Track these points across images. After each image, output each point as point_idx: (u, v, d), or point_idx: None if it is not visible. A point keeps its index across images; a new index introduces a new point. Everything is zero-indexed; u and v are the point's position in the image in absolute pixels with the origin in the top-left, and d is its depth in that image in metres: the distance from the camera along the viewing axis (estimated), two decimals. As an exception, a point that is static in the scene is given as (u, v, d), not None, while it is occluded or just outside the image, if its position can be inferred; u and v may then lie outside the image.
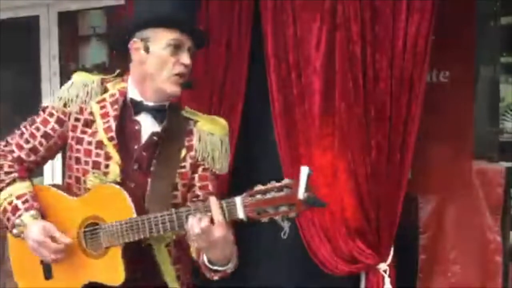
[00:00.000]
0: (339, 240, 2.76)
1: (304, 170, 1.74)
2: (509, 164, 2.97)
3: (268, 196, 1.78)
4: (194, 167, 2.15)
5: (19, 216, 2.08)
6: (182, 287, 2.16)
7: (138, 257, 2.05)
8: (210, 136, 2.17)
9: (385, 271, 2.76)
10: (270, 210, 1.78)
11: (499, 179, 2.93)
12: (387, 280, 2.75)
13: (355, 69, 2.68)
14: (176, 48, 2.07)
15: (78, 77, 2.19)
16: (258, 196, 1.79)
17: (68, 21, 3.91)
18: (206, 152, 2.15)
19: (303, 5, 2.75)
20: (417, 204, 3.01)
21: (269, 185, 1.79)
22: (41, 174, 3.70)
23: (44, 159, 2.21)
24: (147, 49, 2.09)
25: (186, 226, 1.88)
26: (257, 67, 2.96)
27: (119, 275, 2.02)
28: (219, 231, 1.85)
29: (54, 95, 2.19)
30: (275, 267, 3.07)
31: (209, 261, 1.96)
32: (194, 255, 2.06)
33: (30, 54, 3.98)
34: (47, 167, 3.55)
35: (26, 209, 2.09)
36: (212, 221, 1.85)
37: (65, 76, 3.87)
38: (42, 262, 2.15)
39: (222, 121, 2.24)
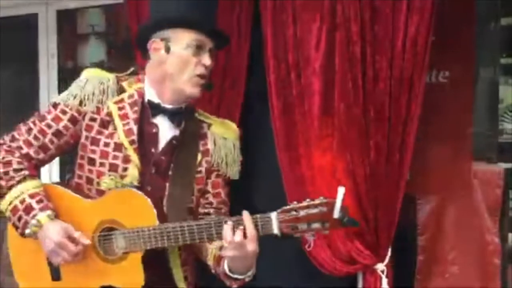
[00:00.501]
0: (337, 240, 2.75)
1: (341, 190, 1.83)
2: (508, 165, 2.96)
3: (303, 213, 1.84)
4: (208, 172, 2.14)
5: (34, 216, 2.02)
6: (188, 286, 2.18)
7: (154, 261, 2.04)
8: (223, 140, 2.18)
9: (382, 272, 2.75)
10: (304, 226, 1.84)
11: (498, 180, 2.92)
12: (385, 281, 2.75)
13: (354, 70, 2.67)
14: (198, 48, 2.05)
15: (92, 74, 2.13)
16: (293, 213, 1.85)
17: (66, 19, 3.90)
18: (220, 157, 2.16)
19: (303, 5, 2.74)
20: (416, 204, 3.00)
21: (304, 203, 1.86)
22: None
23: (52, 158, 2.15)
24: (168, 49, 2.05)
25: (223, 235, 1.87)
26: (256, 67, 2.95)
27: (139, 280, 2.01)
28: (252, 245, 1.87)
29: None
30: (272, 268, 3.06)
31: (230, 270, 1.96)
32: (211, 262, 2.06)
33: (29, 52, 3.97)
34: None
35: (41, 209, 2.03)
36: (245, 234, 1.86)
37: (63, 75, 3.87)
38: (50, 263, 2.11)
39: (233, 125, 2.26)
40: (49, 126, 2.09)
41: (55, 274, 2.12)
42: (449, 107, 2.93)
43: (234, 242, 1.85)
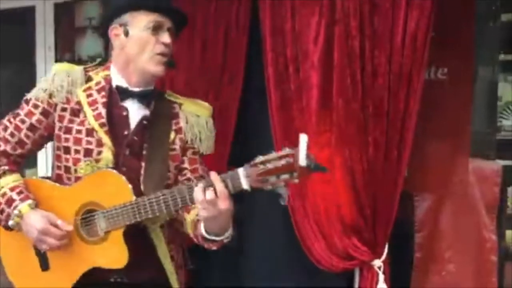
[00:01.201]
0: (334, 236, 2.75)
1: (303, 138, 1.81)
2: (506, 163, 2.95)
3: (269, 165, 1.84)
4: (184, 150, 2.18)
5: (15, 207, 2.08)
6: (177, 267, 2.21)
7: (136, 239, 2.08)
8: (196, 117, 2.22)
9: (379, 268, 2.74)
10: (273, 178, 1.84)
11: (496, 177, 2.92)
12: (381, 277, 2.74)
13: (353, 64, 2.66)
14: (156, 29, 2.11)
15: (60, 67, 2.20)
16: (261, 166, 1.85)
17: (64, 12, 3.89)
18: (194, 134, 2.21)
19: (302, -1, 2.74)
20: (413, 201, 3.00)
21: (269, 155, 1.86)
22: (34, 165, 3.69)
23: (30, 152, 2.22)
24: (126, 33, 2.12)
25: (194, 197, 1.90)
26: (254, 61, 2.94)
27: (122, 257, 2.05)
28: (224, 203, 1.88)
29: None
30: (270, 265, 3.06)
31: (206, 232, 1.99)
32: (191, 230, 2.09)
33: (26, 44, 3.96)
34: (41, 158, 3.54)
35: (22, 200, 2.10)
36: (216, 194, 1.88)
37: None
38: (37, 253, 2.15)
39: (205, 103, 2.30)
40: (23, 122, 2.16)
41: (44, 264, 2.16)
42: (448, 104, 2.92)
43: (206, 201, 1.88)
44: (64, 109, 2.14)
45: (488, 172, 2.92)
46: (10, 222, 2.10)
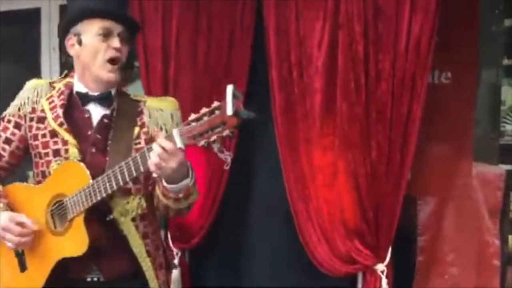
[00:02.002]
0: (337, 240, 2.75)
1: (229, 88, 1.86)
2: (509, 167, 2.96)
3: (201, 121, 1.91)
4: (150, 142, 2.19)
5: None
6: (155, 265, 2.24)
7: (103, 230, 2.14)
8: (160, 111, 2.28)
9: (382, 272, 2.75)
10: (205, 134, 1.90)
11: (499, 182, 2.92)
12: (384, 281, 2.74)
13: (357, 69, 2.67)
14: (106, 35, 2.18)
15: (29, 84, 2.33)
16: (193, 124, 1.91)
17: (69, 14, 3.89)
18: (158, 126, 2.25)
19: (306, 3, 2.74)
20: (416, 205, 3.00)
21: (200, 112, 1.92)
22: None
23: (10, 165, 2.32)
24: (80, 42, 2.20)
25: (148, 163, 1.98)
26: (258, 65, 2.95)
27: (82, 244, 2.08)
28: (174, 160, 1.97)
29: None
30: (272, 268, 3.07)
31: (168, 183, 2.07)
32: (161, 195, 2.14)
33: (31, 46, 3.97)
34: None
35: None
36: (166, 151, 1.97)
37: (65, 69, 3.86)
38: (16, 255, 2.22)
39: (171, 98, 2.36)
40: None
41: (22, 266, 2.23)
42: (451, 108, 2.92)
43: (159, 157, 1.97)
44: (31, 119, 2.25)
45: (491, 177, 2.93)
46: None
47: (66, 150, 2.17)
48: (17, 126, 2.27)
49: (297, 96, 2.78)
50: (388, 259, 2.74)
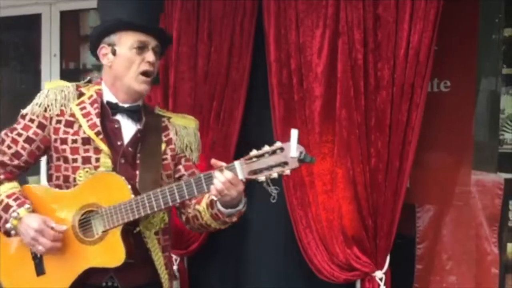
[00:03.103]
0: (336, 247, 2.75)
1: (294, 132, 1.98)
2: (508, 176, 2.96)
3: (263, 159, 2.00)
4: (176, 159, 2.31)
5: (13, 211, 2.15)
6: (169, 275, 2.30)
7: (132, 241, 2.16)
8: (185, 129, 2.34)
9: (381, 279, 2.75)
10: (266, 170, 2.01)
11: (498, 190, 2.93)
12: (383, 288, 2.75)
13: (356, 77, 2.68)
14: (141, 48, 2.22)
15: (53, 84, 2.31)
16: (254, 159, 2.01)
17: (70, 20, 3.91)
18: (184, 144, 2.33)
19: (306, 11, 2.75)
20: (415, 213, 3.01)
21: (263, 149, 2.01)
22: (37, 172, 3.70)
23: (27, 163, 2.29)
24: (114, 52, 2.23)
25: (213, 186, 2.04)
26: (258, 72, 2.95)
27: (119, 255, 2.10)
28: (235, 190, 2.05)
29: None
30: (270, 274, 3.06)
31: (224, 207, 2.13)
32: (207, 214, 2.19)
33: (31, 52, 3.98)
34: (44, 165, 3.55)
35: (19, 205, 2.17)
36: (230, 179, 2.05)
37: (65, 75, 3.87)
38: (34, 258, 2.20)
39: (192, 117, 2.42)
40: (19, 135, 2.25)
41: (39, 269, 2.20)
42: (450, 117, 2.93)
43: (228, 181, 2.04)
44: (58, 121, 2.23)
45: (490, 185, 2.93)
46: (8, 225, 2.16)
47: (97, 159, 2.18)
48: (41, 126, 2.24)
49: (297, 103, 2.79)
50: (386, 266, 2.74)
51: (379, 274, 2.74)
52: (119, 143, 2.22)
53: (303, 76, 2.77)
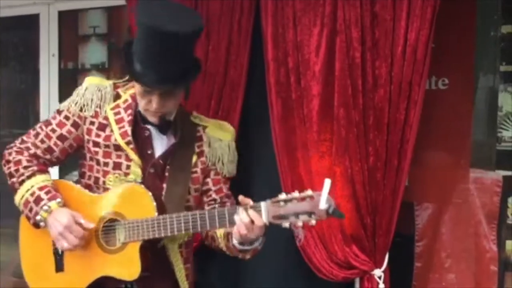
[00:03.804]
0: (334, 245, 2.75)
1: (327, 183, 1.92)
2: (506, 173, 2.96)
3: (290, 204, 1.95)
4: (206, 172, 2.28)
5: (43, 205, 2.17)
6: (189, 285, 2.30)
7: (152, 256, 2.16)
8: (219, 141, 2.30)
9: (379, 277, 2.75)
10: (292, 217, 1.95)
11: (496, 188, 2.92)
12: (382, 287, 2.75)
13: (354, 75, 2.68)
14: (147, 92, 2.15)
15: (91, 82, 2.29)
16: (281, 203, 1.95)
17: (68, 20, 3.91)
18: (216, 157, 2.29)
19: (304, 9, 2.75)
20: (414, 211, 3.00)
21: (293, 194, 1.96)
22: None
23: (58, 160, 2.31)
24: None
25: (235, 221, 2.02)
26: (256, 70, 2.95)
27: (134, 270, 2.10)
28: (257, 232, 2.02)
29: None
30: (270, 273, 3.06)
31: (240, 243, 2.11)
32: (223, 243, 2.20)
33: (30, 52, 3.99)
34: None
35: (50, 199, 2.18)
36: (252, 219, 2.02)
37: (64, 75, 3.88)
38: (55, 253, 2.23)
39: (230, 127, 2.39)
40: (53, 131, 2.26)
41: (59, 265, 2.23)
42: (448, 114, 2.93)
43: (248, 222, 2.00)
44: (92, 123, 2.23)
45: (489, 183, 2.93)
46: (38, 217, 2.16)
47: (128, 166, 2.19)
48: (75, 125, 2.24)
49: (295, 102, 2.79)
50: (385, 264, 2.74)
51: (378, 272, 2.74)
52: (149, 151, 2.22)
53: (300, 75, 2.77)
